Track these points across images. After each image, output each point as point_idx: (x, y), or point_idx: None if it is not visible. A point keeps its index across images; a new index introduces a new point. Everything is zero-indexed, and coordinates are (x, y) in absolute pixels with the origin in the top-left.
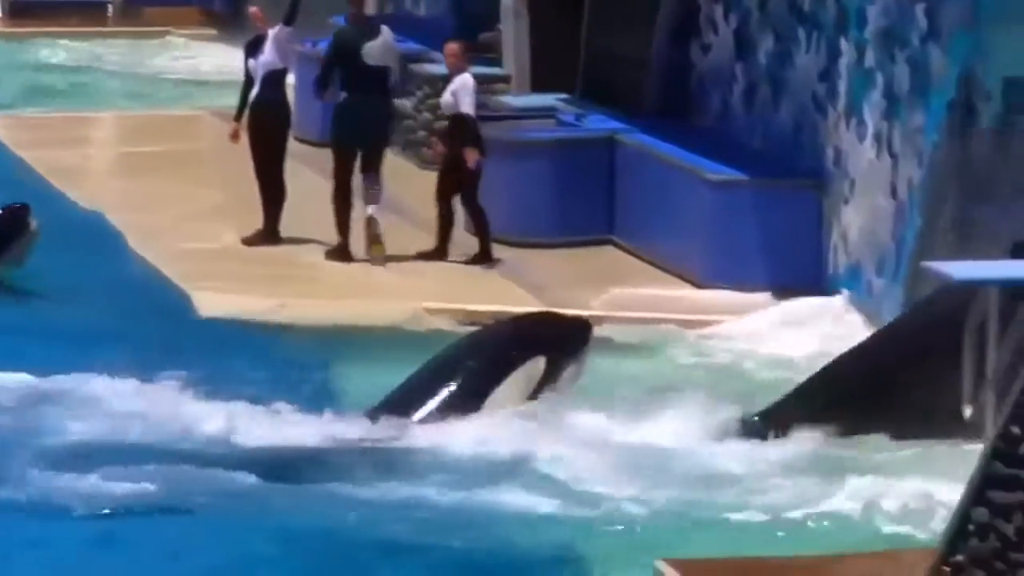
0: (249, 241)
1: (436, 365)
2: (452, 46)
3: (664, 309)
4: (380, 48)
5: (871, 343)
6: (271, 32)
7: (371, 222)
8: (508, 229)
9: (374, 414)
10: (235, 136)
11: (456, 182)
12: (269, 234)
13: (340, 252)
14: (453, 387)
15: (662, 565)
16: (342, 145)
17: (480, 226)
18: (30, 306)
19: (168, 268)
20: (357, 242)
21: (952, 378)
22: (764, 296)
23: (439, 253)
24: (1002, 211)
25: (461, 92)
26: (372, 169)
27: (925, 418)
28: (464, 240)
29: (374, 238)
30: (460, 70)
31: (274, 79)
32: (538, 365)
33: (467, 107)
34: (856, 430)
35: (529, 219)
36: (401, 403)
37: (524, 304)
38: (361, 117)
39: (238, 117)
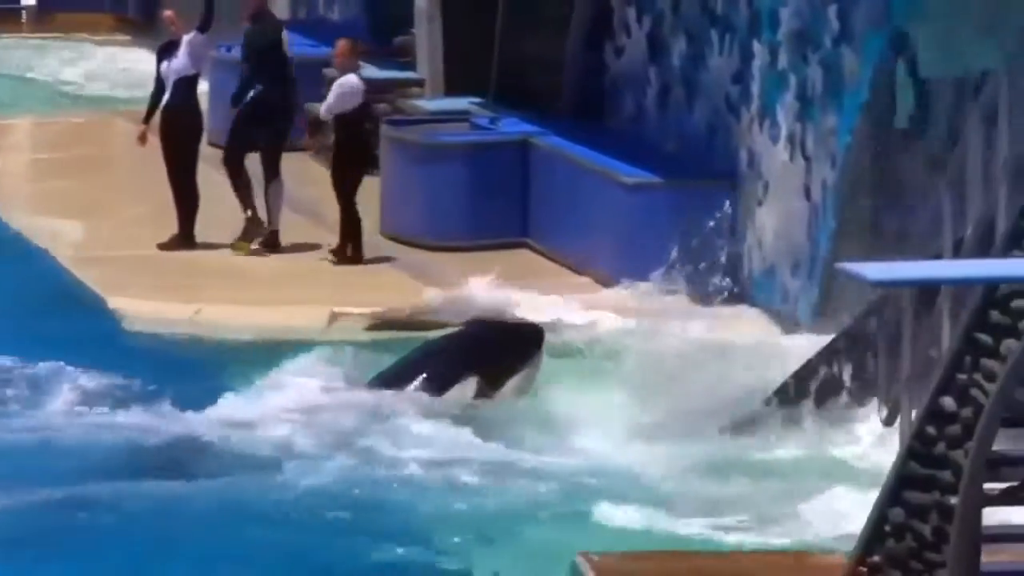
0: (165, 246)
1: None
2: (340, 44)
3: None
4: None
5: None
6: (185, 37)
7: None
8: (422, 232)
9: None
10: (143, 139)
11: (340, 180)
12: (184, 239)
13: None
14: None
15: (580, 560)
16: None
17: (351, 228)
18: None
19: (83, 274)
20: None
21: None
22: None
23: (341, 252)
24: (915, 213)
25: (335, 91)
26: (274, 165)
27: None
28: (382, 243)
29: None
30: (347, 69)
31: (186, 84)
32: (470, 384)
33: (325, 108)
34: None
35: (443, 222)
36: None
37: (434, 306)
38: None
39: (147, 120)
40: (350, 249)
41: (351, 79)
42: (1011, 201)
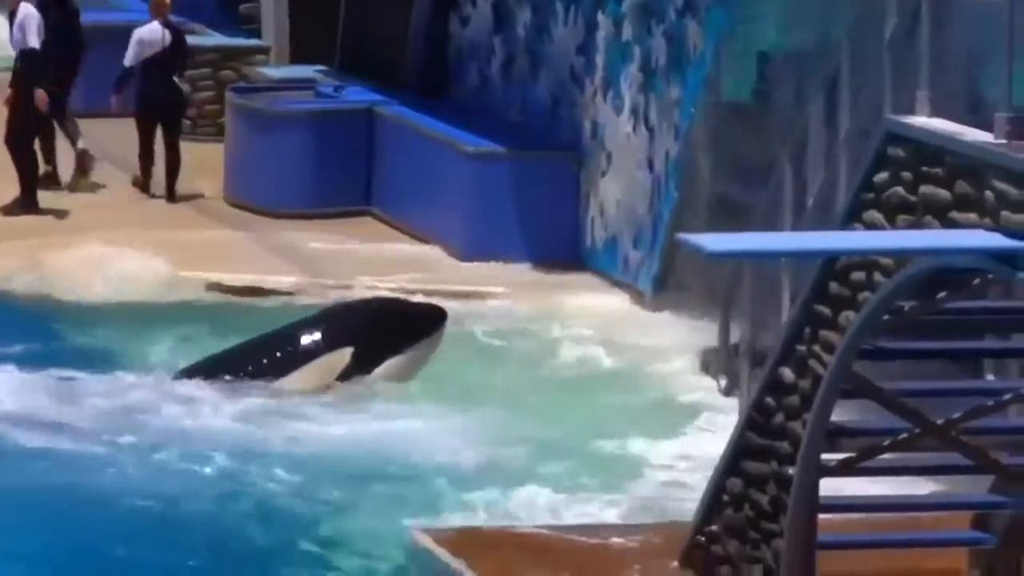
0: (7, 210)
1: (258, 339)
2: None
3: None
4: None
5: None
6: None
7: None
8: (266, 200)
9: (176, 377)
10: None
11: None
12: (27, 204)
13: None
14: (254, 363)
15: (418, 533)
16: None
17: (25, 172)
18: None
19: None
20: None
21: None
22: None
23: (25, 203)
24: (757, 185)
25: (27, 23)
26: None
27: None
28: (226, 210)
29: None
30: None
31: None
32: (343, 356)
33: (33, 40)
34: None
35: (287, 190)
36: (202, 370)
37: (281, 273)
38: None
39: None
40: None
41: (30, 8)
42: (851, 174)
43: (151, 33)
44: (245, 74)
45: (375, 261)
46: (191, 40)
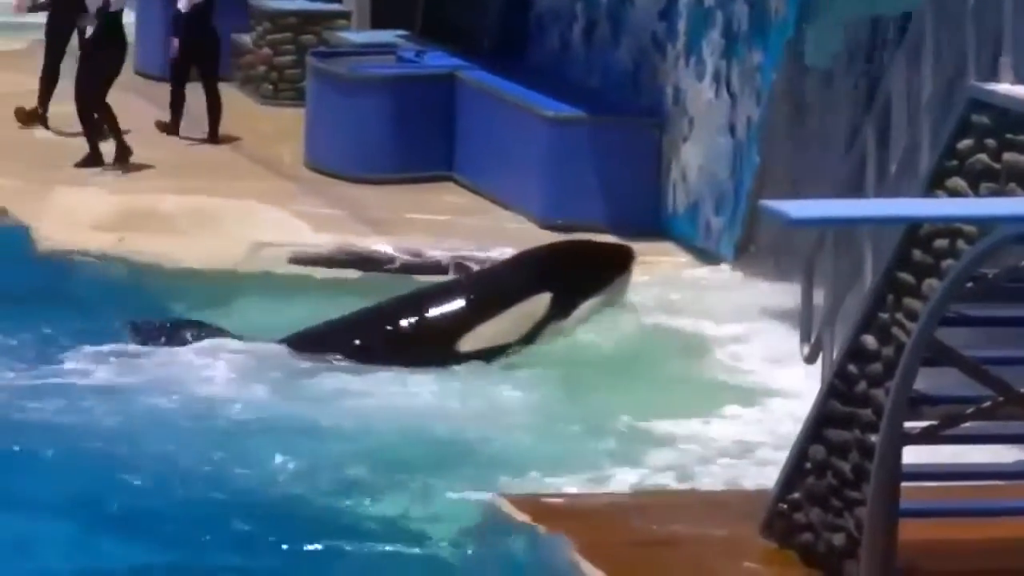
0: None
1: (415, 295)
2: None
3: None
4: None
5: None
6: None
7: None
8: (347, 165)
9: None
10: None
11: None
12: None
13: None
14: (435, 315)
15: (498, 500)
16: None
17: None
18: None
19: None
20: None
21: None
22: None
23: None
24: (839, 151)
25: None
26: None
27: None
28: (307, 175)
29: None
30: None
31: None
32: (541, 301)
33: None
34: None
35: (369, 155)
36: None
37: (363, 238)
38: None
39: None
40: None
41: None
42: (934, 140)
43: None
44: (326, 39)
45: (456, 227)
46: (273, 4)
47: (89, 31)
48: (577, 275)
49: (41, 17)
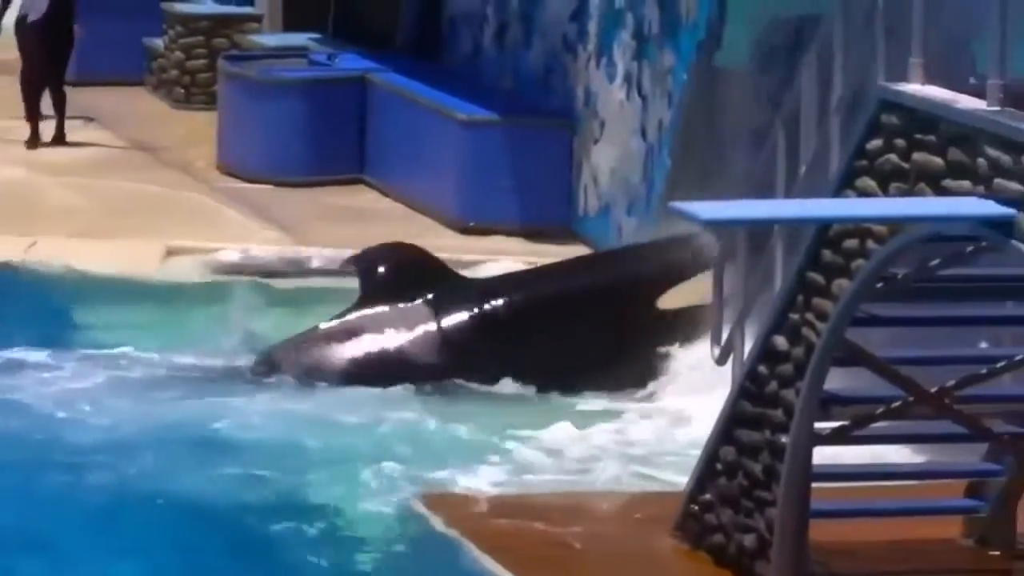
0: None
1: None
2: None
3: None
4: None
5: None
6: None
7: None
8: (260, 168)
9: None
10: None
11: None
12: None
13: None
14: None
15: (416, 501)
16: None
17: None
18: None
19: None
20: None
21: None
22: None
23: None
24: (750, 152)
25: None
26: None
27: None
28: (219, 178)
29: None
30: None
31: None
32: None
33: None
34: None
35: (281, 158)
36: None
37: (273, 241)
38: None
39: None
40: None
41: None
42: (844, 141)
43: None
44: (238, 42)
45: (367, 229)
46: (185, 8)
47: None
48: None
49: None
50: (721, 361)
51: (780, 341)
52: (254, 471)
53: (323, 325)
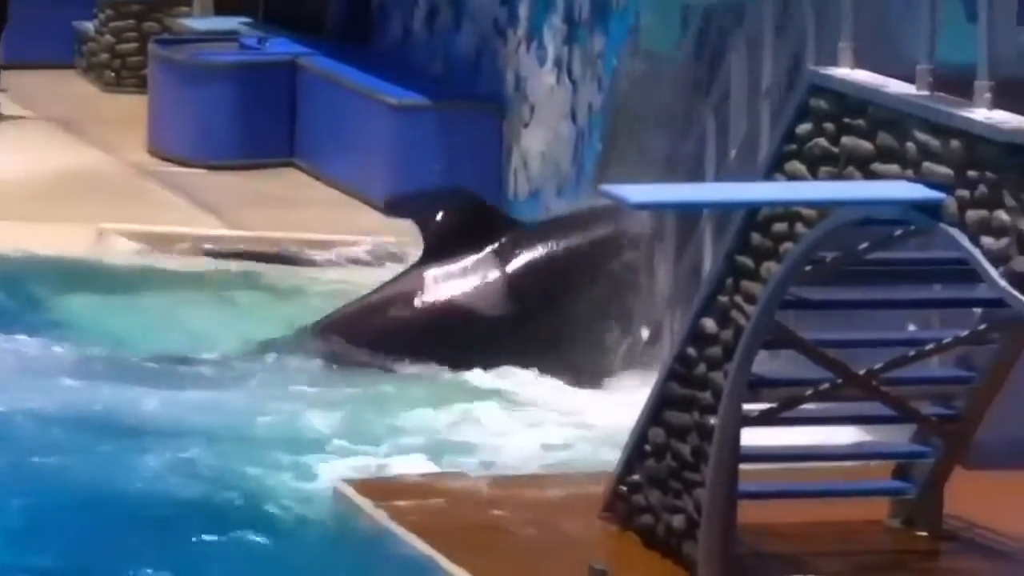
0: None
1: None
2: None
3: None
4: None
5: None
6: None
7: None
8: (190, 152)
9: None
10: None
11: None
12: None
13: None
14: None
15: (342, 485)
16: None
17: None
18: None
19: None
20: None
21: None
22: None
23: None
24: (680, 137)
25: None
26: None
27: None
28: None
29: None
30: None
31: None
32: None
33: None
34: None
35: (211, 142)
36: None
37: (203, 224)
38: None
39: None
40: None
41: None
42: (773, 125)
43: None
44: (168, 26)
45: (297, 213)
46: None
47: None
48: None
49: None
50: (651, 343)
51: (709, 323)
52: (180, 455)
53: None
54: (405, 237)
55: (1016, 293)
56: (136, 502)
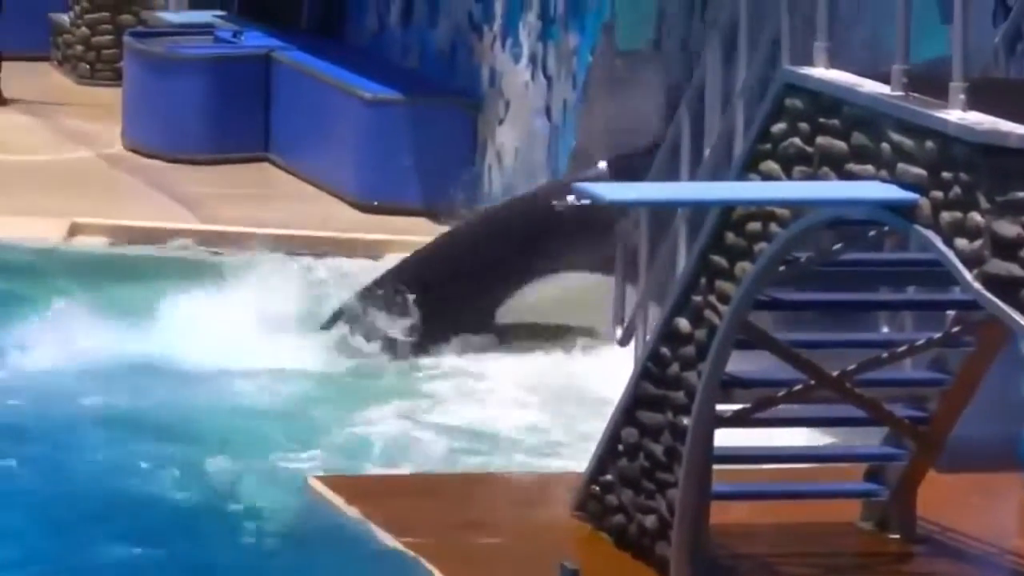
0: None
1: None
2: None
3: None
4: None
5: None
6: None
7: None
8: (165, 145)
9: None
10: None
11: None
12: None
13: None
14: None
15: (314, 481)
16: None
17: None
18: None
19: None
20: None
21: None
22: None
23: None
24: (655, 134)
25: None
26: None
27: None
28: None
29: None
30: None
31: None
32: None
33: None
34: None
35: (185, 135)
36: None
37: (178, 219)
38: None
39: None
40: None
41: None
42: (748, 124)
43: None
44: (144, 19)
45: (270, 208)
46: None
47: None
48: None
49: None
50: (624, 342)
51: (683, 323)
52: (148, 451)
53: None
54: (379, 232)
55: (990, 295)
56: (103, 498)
